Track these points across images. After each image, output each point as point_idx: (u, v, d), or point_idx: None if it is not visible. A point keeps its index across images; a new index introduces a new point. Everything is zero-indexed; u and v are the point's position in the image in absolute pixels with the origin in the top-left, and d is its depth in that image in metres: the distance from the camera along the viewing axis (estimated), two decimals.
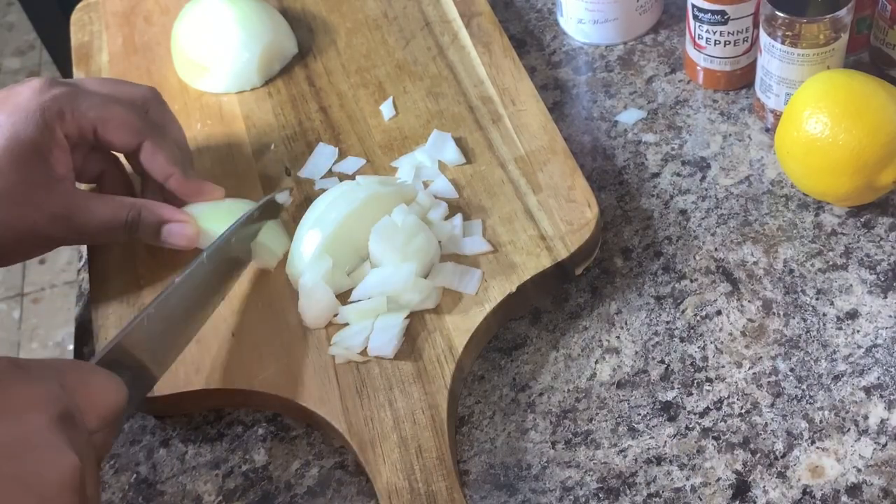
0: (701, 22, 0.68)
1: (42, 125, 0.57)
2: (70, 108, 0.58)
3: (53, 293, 1.83)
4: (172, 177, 0.61)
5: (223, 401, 0.58)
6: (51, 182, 0.57)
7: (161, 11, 0.82)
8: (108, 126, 0.60)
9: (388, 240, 0.59)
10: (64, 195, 0.58)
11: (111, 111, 0.60)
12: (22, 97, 0.58)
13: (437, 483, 0.52)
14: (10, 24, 2.37)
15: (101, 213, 0.59)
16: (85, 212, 0.58)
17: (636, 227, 0.65)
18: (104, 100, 0.60)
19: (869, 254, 0.61)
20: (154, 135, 0.61)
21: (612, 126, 0.71)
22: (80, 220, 0.58)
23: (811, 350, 0.57)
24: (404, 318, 0.58)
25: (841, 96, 0.60)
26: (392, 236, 0.59)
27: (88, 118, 0.59)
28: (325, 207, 0.60)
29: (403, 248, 0.58)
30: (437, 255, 0.60)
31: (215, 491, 0.56)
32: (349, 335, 0.57)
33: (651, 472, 0.53)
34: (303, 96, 0.74)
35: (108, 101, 0.60)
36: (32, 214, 0.57)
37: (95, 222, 0.59)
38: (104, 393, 0.45)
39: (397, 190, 0.62)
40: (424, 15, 0.78)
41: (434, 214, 0.62)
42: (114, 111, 0.60)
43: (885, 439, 0.53)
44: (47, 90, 0.58)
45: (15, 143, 0.56)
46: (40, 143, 0.57)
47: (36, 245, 0.59)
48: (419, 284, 0.58)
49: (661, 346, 0.59)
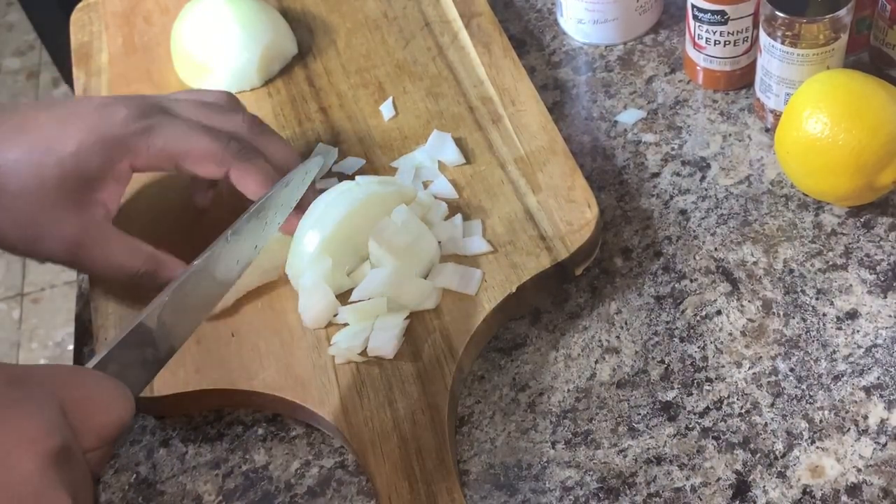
0: (701, 22, 0.68)
1: (107, 156, 0.56)
2: (148, 144, 0.57)
3: (53, 293, 1.83)
4: None
5: (223, 401, 0.58)
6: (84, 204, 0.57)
7: (161, 11, 0.82)
8: (189, 159, 0.58)
9: (388, 240, 0.59)
10: (89, 222, 0.57)
11: (191, 143, 0.58)
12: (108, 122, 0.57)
13: (437, 483, 0.52)
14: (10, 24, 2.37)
15: (115, 255, 0.58)
16: (99, 246, 0.57)
17: (636, 227, 0.65)
18: (186, 132, 0.58)
19: (869, 254, 0.61)
20: (239, 161, 0.59)
21: (611, 126, 0.71)
22: (90, 252, 0.57)
23: (811, 350, 0.57)
24: (404, 319, 0.58)
25: (841, 96, 0.60)
26: (392, 236, 0.59)
27: (166, 153, 0.58)
28: (324, 207, 0.60)
29: (403, 248, 0.58)
30: (437, 256, 0.60)
31: (215, 491, 0.56)
32: (349, 335, 0.57)
33: (651, 472, 0.53)
34: (303, 96, 0.74)
35: (190, 133, 0.58)
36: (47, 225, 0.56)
37: (105, 262, 0.58)
38: (109, 409, 0.41)
39: (397, 190, 0.62)
40: (424, 15, 0.78)
41: (434, 215, 0.62)
42: (194, 143, 0.58)
43: (885, 439, 0.53)
44: (136, 121, 0.57)
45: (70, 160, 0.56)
46: (94, 169, 0.56)
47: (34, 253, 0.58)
48: (419, 285, 0.58)
49: (661, 346, 0.59)
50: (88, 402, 0.40)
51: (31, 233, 0.57)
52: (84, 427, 0.40)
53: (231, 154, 0.59)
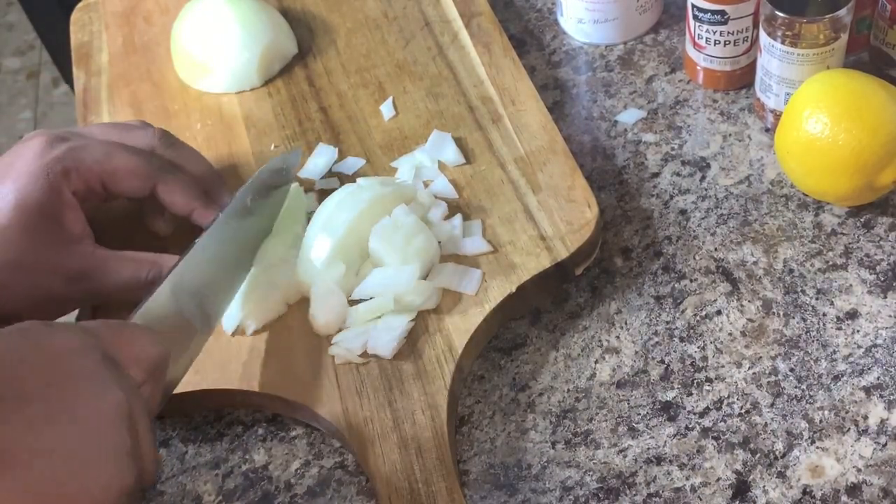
0: (701, 22, 0.68)
1: (48, 188, 0.56)
2: (74, 166, 0.57)
3: None
4: (194, 212, 0.60)
5: (223, 401, 0.58)
6: (66, 243, 0.56)
7: (161, 11, 0.82)
8: (115, 177, 0.58)
9: (389, 240, 0.58)
10: (81, 256, 0.57)
11: (116, 161, 0.58)
12: (23, 160, 0.56)
13: (437, 483, 0.52)
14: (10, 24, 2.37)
15: (121, 272, 0.58)
16: (104, 272, 0.57)
17: (636, 227, 0.65)
18: (107, 150, 0.58)
19: (869, 254, 0.61)
20: (164, 175, 0.60)
21: (611, 126, 0.71)
22: (98, 280, 0.57)
23: (811, 350, 0.57)
24: (409, 321, 0.58)
25: (841, 96, 0.60)
26: (392, 237, 0.59)
27: (94, 172, 0.58)
28: (331, 212, 0.60)
29: (404, 248, 0.58)
30: (438, 256, 0.60)
31: (215, 491, 0.56)
32: (350, 337, 0.57)
33: (651, 472, 0.53)
34: (303, 96, 0.74)
35: (111, 150, 0.59)
36: (48, 280, 0.56)
37: (114, 282, 0.58)
38: (140, 345, 0.46)
39: (397, 190, 0.62)
40: (424, 15, 0.78)
41: (434, 214, 0.62)
42: (118, 160, 0.58)
43: (885, 439, 0.53)
44: (49, 150, 0.57)
45: (23, 210, 0.55)
46: (49, 205, 0.56)
47: (53, 309, 0.57)
48: (420, 286, 0.58)
49: (660, 346, 0.59)
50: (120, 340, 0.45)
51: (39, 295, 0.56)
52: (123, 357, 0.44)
53: (155, 169, 0.59)
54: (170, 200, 0.60)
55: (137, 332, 0.47)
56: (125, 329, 0.47)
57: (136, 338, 0.46)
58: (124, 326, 0.47)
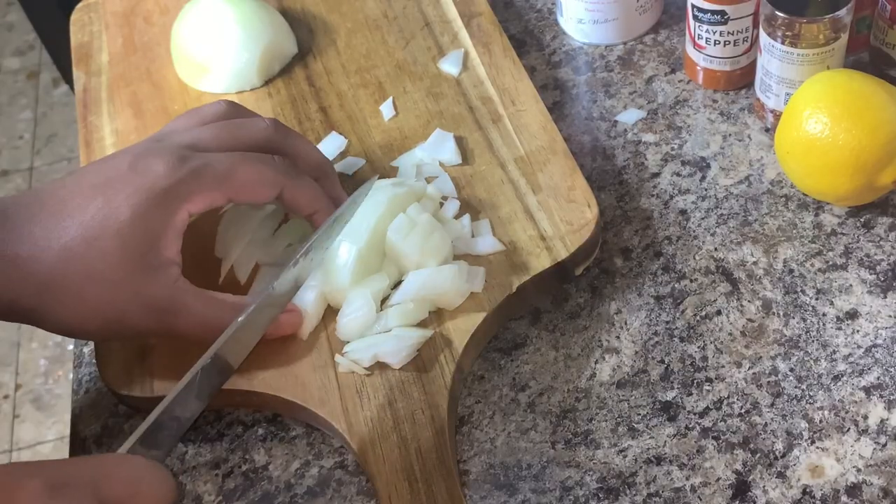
0: (701, 22, 0.68)
1: (164, 212, 0.53)
2: (198, 188, 0.54)
3: None
4: (316, 214, 0.59)
5: (223, 401, 0.58)
6: (155, 268, 0.53)
7: (161, 11, 0.82)
8: (243, 190, 0.56)
9: (406, 239, 0.58)
10: (165, 286, 0.54)
11: (241, 175, 0.56)
12: (151, 177, 0.53)
13: (437, 483, 0.52)
14: (10, 24, 2.37)
15: (202, 312, 0.55)
16: (184, 308, 0.54)
17: (636, 227, 0.65)
18: (230, 165, 0.55)
19: (869, 254, 0.61)
20: (289, 177, 0.57)
21: (611, 126, 0.71)
22: (176, 316, 0.54)
23: (811, 350, 0.57)
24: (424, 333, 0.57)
25: (841, 96, 0.60)
26: (409, 235, 0.58)
27: (221, 190, 0.55)
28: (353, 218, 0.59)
29: (421, 247, 0.58)
30: (451, 255, 0.60)
31: (215, 491, 0.56)
32: (361, 348, 0.57)
33: (651, 472, 0.53)
34: (303, 96, 0.74)
35: (235, 164, 0.56)
36: (126, 302, 0.53)
37: (193, 322, 0.54)
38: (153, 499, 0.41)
39: (410, 189, 0.62)
40: (424, 15, 0.78)
41: (447, 211, 0.62)
42: (244, 174, 0.56)
43: (885, 439, 0.53)
44: (178, 168, 0.54)
45: (129, 228, 0.52)
46: (155, 229, 0.53)
47: (121, 334, 0.56)
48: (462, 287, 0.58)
49: (660, 346, 0.59)
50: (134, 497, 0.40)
51: (111, 315, 0.53)
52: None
53: (282, 174, 0.57)
54: (294, 204, 0.58)
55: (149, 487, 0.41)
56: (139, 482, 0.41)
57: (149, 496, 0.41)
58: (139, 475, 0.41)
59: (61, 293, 0.53)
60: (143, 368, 0.59)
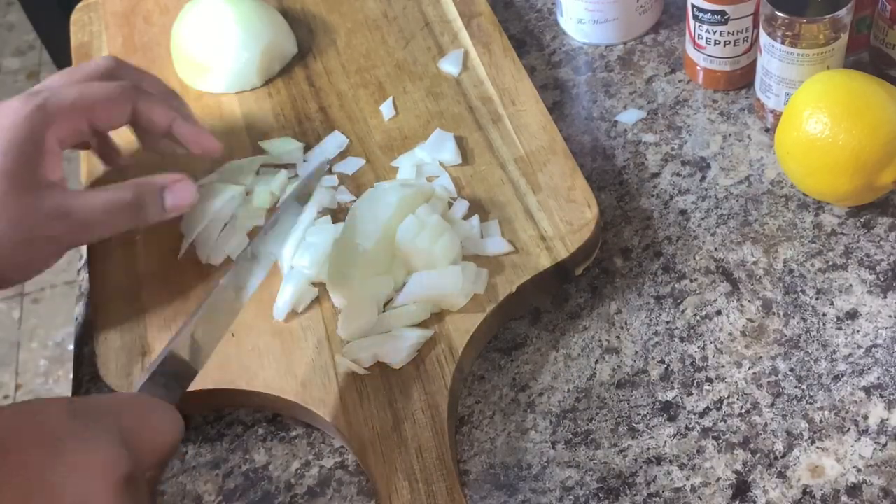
0: (701, 22, 0.68)
1: (30, 136, 0.56)
2: (56, 111, 0.58)
3: (53, 293, 1.83)
4: (175, 121, 0.62)
5: (223, 401, 0.58)
6: (41, 188, 0.57)
7: (161, 11, 0.82)
8: (96, 110, 0.59)
9: (415, 240, 0.58)
10: (57, 197, 0.57)
11: (92, 94, 0.59)
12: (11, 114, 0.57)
13: (437, 483, 0.52)
14: (10, 24, 2.37)
15: (101, 201, 0.58)
16: (83, 205, 0.57)
17: (636, 227, 0.65)
18: (80, 89, 0.59)
19: (869, 254, 0.61)
20: (139, 95, 0.61)
21: (612, 126, 0.71)
22: (80, 214, 0.57)
23: (811, 350, 0.57)
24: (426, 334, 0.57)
25: (841, 96, 0.60)
26: (418, 237, 0.58)
27: (76, 112, 0.58)
28: (362, 218, 0.59)
29: (430, 248, 0.58)
30: (460, 256, 0.60)
31: (215, 491, 0.56)
32: (361, 347, 0.57)
33: (651, 472, 0.53)
34: (303, 96, 0.74)
35: (84, 88, 0.60)
36: (27, 218, 0.56)
37: (97, 211, 0.57)
38: (163, 432, 0.45)
39: (419, 189, 0.61)
40: (424, 15, 0.78)
41: (455, 212, 0.62)
42: (94, 93, 0.59)
43: (885, 439, 0.53)
44: (28, 102, 0.58)
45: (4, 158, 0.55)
46: (29, 153, 0.56)
47: (42, 249, 0.57)
48: (464, 288, 0.58)
49: (661, 346, 0.59)
50: (145, 428, 0.44)
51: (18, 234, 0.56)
52: (142, 450, 0.43)
53: (129, 91, 0.60)
54: (150, 118, 0.61)
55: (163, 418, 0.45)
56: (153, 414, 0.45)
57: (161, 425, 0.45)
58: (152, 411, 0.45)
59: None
60: (142, 368, 0.59)
